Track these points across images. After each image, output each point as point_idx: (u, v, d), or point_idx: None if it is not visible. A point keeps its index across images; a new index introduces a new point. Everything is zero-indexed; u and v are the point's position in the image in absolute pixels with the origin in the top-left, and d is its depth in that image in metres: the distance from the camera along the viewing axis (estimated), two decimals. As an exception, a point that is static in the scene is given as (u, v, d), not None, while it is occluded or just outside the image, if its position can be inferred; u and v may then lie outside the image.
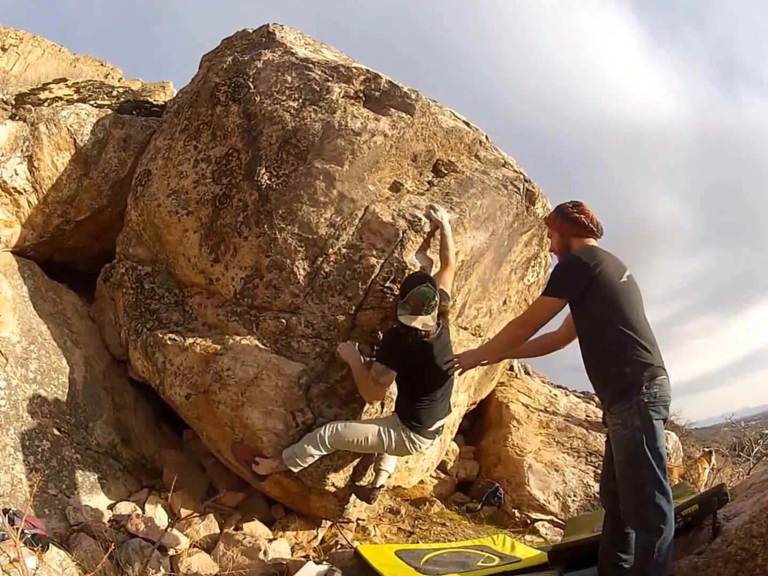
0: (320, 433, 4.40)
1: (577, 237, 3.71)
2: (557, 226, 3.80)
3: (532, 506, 6.44)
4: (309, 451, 4.41)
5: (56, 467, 4.73)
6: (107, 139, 6.07)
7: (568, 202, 3.81)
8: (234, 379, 4.64)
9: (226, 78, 5.48)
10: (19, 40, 10.70)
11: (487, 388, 7.24)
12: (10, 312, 5.23)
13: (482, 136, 5.68)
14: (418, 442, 4.48)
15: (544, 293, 3.64)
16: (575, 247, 3.68)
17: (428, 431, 4.49)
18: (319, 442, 4.40)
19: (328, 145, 4.92)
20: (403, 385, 4.53)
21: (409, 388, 4.48)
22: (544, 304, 3.63)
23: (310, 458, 4.44)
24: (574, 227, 3.72)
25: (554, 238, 3.85)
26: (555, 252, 3.89)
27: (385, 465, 4.87)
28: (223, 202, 5.09)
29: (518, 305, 6.32)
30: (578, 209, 3.74)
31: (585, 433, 7.19)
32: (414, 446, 4.50)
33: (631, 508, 3.33)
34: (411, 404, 4.46)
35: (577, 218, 3.71)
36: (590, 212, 3.74)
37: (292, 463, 4.45)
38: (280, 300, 4.79)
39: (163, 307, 5.28)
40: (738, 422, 12.71)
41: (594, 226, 3.70)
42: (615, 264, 3.57)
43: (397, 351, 4.34)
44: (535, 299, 3.66)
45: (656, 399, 3.29)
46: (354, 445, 4.48)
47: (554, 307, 3.59)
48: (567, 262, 3.64)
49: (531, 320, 3.69)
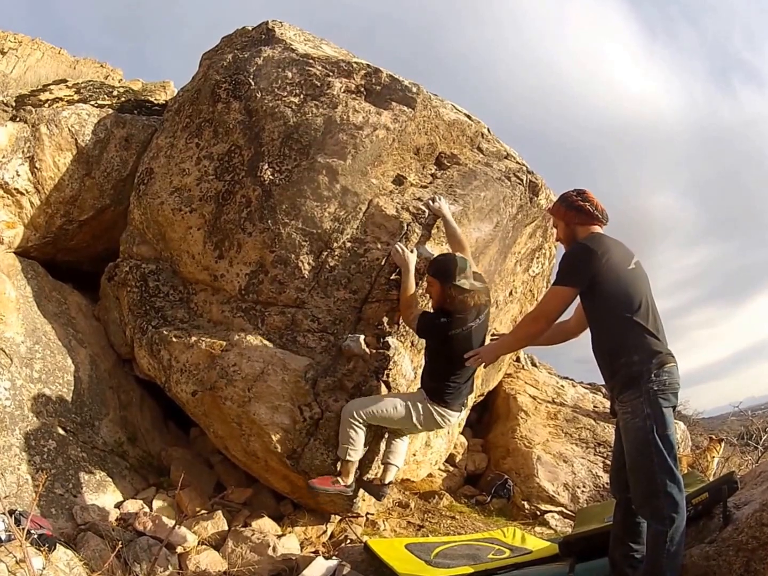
0: (347, 409, 4.44)
1: (582, 225, 3.67)
2: (562, 215, 3.76)
3: (542, 498, 6.41)
4: (348, 433, 4.41)
5: (62, 466, 4.72)
6: (109, 139, 6.07)
7: (572, 190, 3.77)
8: (240, 374, 4.63)
9: (226, 75, 5.48)
10: (18, 43, 10.72)
11: (495, 379, 7.22)
12: (14, 312, 5.22)
13: (484, 129, 5.67)
14: (447, 415, 4.47)
15: (556, 283, 3.59)
16: (581, 235, 3.64)
17: (456, 404, 4.49)
18: (350, 417, 4.40)
19: (331, 139, 4.92)
20: (432, 365, 4.52)
21: (438, 368, 4.46)
22: (557, 295, 3.58)
23: (354, 438, 4.42)
24: (579, 215, 3.68)
25: (560, 227, 3.81)
26: (561, 241, 3.85)
27: (394, 459, 4.80)
28: (226, 199, 5.10)
29: (524, 296, 6.32)
30: (583, 197, 3.70)
31: (593, 423, 7.16)
32: (444, 420, 4.49)
33: (642, 498, 3.31)
34: (438, 384, 4.44)
35: (582, 206, 3.67)
36: (594, 199, 3.70)
37: (344, 453, 4.45)
38: (285, 295, 4.79)
39: (168, 305, 5.28)
40: (745, 411, 12.69)
41: (599, 212, 3.66)
42: (622, 251, 3.54)
43: (435, 327, 4.36)
44: (547, 290, 3.63)
45: (666, 387, 3.28)
46: (381, 414, 4.44)
47: (567, 297, 3.54)
48: (575, 251, 3.59)
49: (546, 313, 3.64)
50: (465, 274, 4.24)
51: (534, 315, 3.78)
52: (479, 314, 4.38)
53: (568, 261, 3.60)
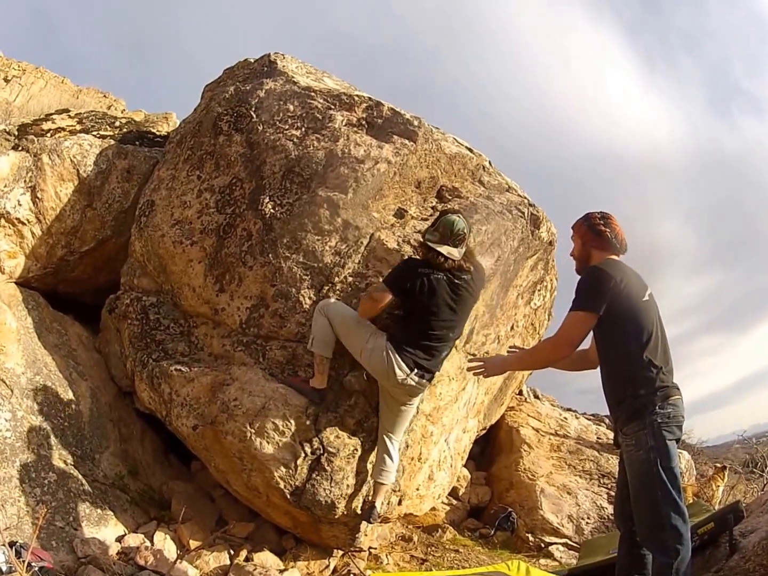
0: (317, 308, 4.58)
1: (598, 249, 3.65)
2: (581, 234, 3.73)
3: (546, 530, 6.36)
4: (316, 323, 4.54)
5: (63, 499, 4.66)
6: (110, 170, 6.08)
7: (598, 212, 3.74)
8: (241, 409, 4.59)
9: (228, 107, 5.50)
10: (21, 71, 10.79)
11: (497, 413, 7.17)
12: (15, 343, 5.19)
13: (485, 162, 5.69)
14: (395, 362, 4.31)
15: (576, 309, 3.49)
16: (595, 259, 3.61)
17: (407, 358, 4.33)
18: (317, 314, 4.54)
19: (332, 173, 4.93)
20: (405, 317, 4.48)
21: (409, 321, 4.42)
22: (579, 321, 3.48)
23: (321, 327, 4.50)
24: (597, 240, 3.65)
25: (576, 243, 3.78)
26: (574, 257, 3.81)
27: (383, 477, 4.66)
28: (227, 232, 5.09)
29: (525, 329, 6.30)
30: (605, 222, 3.67)
31: (597, 455, 7.12)
32: (389, 365, 4.33)
33: (646, 530, 3.29)
34: (403, 331, 4.42)
35: (602, 231, 3.64)
36: (617, 227, 3.66)
37: (317, 346, 4.51)
38: (286, 329, 4.77)
39: (168, 338, 5.25)
40: (749, 439, 12.62)
41: (618, 242, 3.63)
42: (638, 281, 3.52)
43: (404, 279, 4.33)
44: (567, 316, 3.52)
45: (670, 419, 3.27)
46: (340, 320, 4.49)
47: (589, 322, 3.45)
48: (594, 275, 3.52)
49: (569, 340, 3.51)
50: (444, 237, 4.28)
51: (557, 341, 3.61)
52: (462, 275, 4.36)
53: (587, 285, 3.53)
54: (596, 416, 8.50)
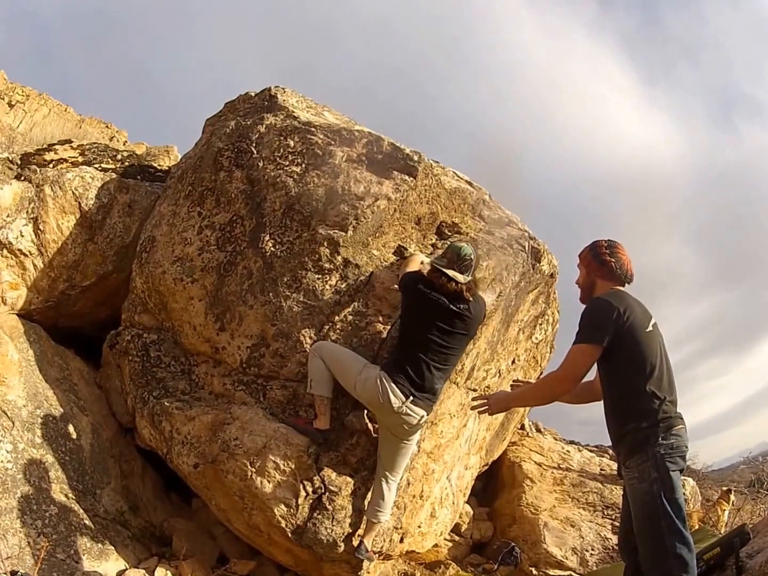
0: (311, 351, 4.62)
1: (602, 279, 3.62)
2: (587, 263, 3.70)
3: (550, 563, 6.30)
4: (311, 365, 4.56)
5: (64, 532, 4.65)
6: (112, 204, 6.08)
7: (605, 241, 3.69)
8: (242, 448, 4.58)
9: (229, 143, 5.50)
10: (25, 96, 10.87)
11: (499, 448, 7.13)
12: (16, 375, 5.19)
13: (485, 195, 5.68)
14: (389, 389, 4.28)
15: (580, 341, 3.44)
16: (599, 289, 3.59)
17: (402, 387, 4.30)
18: (311, 356, 4.57)
19: (332, 210, 4.93)
20: (398, 339, 4.55)
21: (402, 343, 4.47)
22: (583, 354, 3.43)
23: (317, 369, 4.52)
24: (601, 269, 3.62)
25: (581, 272, 3.75)
26: (579, 285, 3.78)
27: (377, 516, 4.59)
28: (227, 270, 5.09)
29: (527, 363, 6.27)
30: (612, 251, 3.62)
31: (600, 486, 7.06)
32: (383, 393, 4.29)
33: (651, 561, 3.25)
34: (395, 356, 4.46)
35: (606, 261, 3.60)
36: (624, 257, 3.62)
37: (315, 387, 4.52)
38: (287, 369, 4.77)
39: (169, 376, 5.24)
40: (755, 458, 12.55)
41: (623, 273, 3.59)
42: (641, 312, 3.48)
43: (405, 288, 4.49)
44: (571, 348, 3.48)
45: (673, 450, 3.24)
46: (333, 358, 4.52)
47: (593, 355, 3.41)
48: (598, 307, 3.47)
49: (573, 374, 3.45)
50: (451, 261, 4.37)
51: (560, 375, 3.53)
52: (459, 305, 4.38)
53: (590, 317, 3.49)
54: (599, 447, 8.47)
